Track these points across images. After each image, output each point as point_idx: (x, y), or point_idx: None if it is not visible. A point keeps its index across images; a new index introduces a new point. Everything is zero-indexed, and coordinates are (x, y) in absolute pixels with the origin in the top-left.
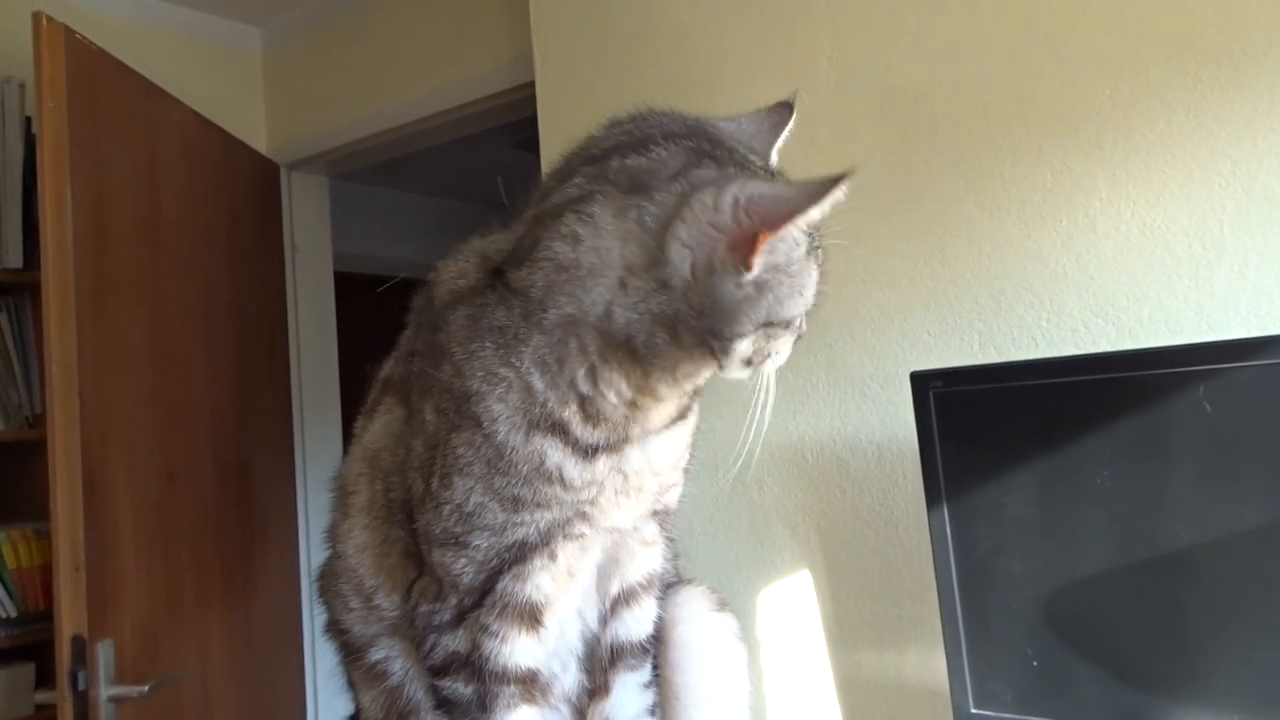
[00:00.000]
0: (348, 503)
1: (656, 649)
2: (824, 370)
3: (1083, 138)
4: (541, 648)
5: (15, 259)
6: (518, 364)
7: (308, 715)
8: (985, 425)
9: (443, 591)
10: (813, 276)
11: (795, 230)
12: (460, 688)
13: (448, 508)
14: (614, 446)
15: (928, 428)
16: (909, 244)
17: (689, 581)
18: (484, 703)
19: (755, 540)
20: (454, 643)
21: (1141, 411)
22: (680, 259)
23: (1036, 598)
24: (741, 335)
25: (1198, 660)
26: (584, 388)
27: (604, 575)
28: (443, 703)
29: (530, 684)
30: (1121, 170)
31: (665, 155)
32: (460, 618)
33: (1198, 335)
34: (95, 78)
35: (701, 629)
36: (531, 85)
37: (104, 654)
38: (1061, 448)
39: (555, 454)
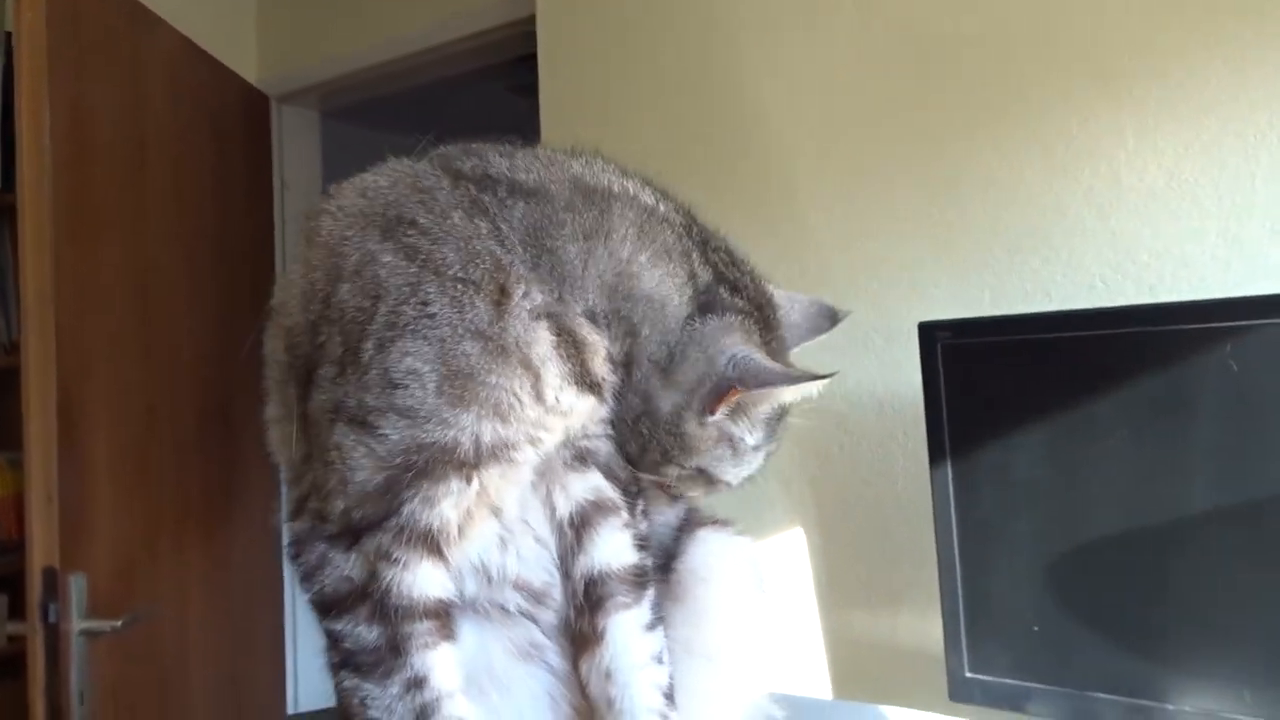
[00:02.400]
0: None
1: (657, 588)
2: None
3: (1113, 85)
4: (450, 577)
5: None
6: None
7: (286, 656)
8: (995, 380)
9: (331, 492)
10: (752, 465)
11: (765, 402)
12: (363, 631)
13: (373, 373)
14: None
15: (934, 381)
16: (923, 193)
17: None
18: (395, 646)
19: (745, 494)
20: (347, 565)
21: (1164, 369)
22: (691, 366)
23: (1041, 561)
24: (678, 463)
25: (1209, 631)
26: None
27: (546, 497)
28: (346, 658)
29: (445, 617)
30: (1151, 120)
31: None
32: (354, 535)
33: (1223, 293)
34: None
35: (714, 545)
36: (531, 21)
37: (76, 587)
38: (1076, 405)
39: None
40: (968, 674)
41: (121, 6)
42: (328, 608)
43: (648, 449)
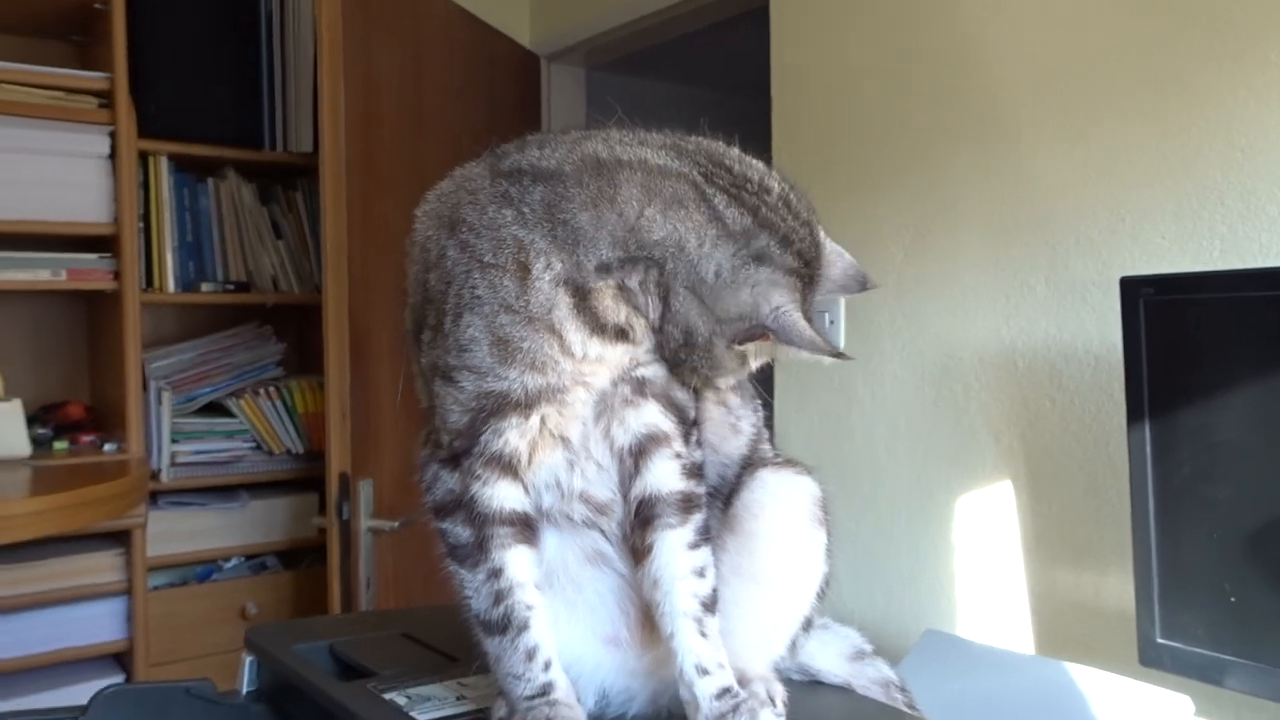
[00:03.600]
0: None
1: (707, 515)
2: (1044, 272)
3: None
4: (525, 494)
5: (307, 144)
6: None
7: None
8: (1200, 339)
9: (438, 428)
10: (727, 370)
11: (784, 351)
12: (460, 530)
13: (451, 339)
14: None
15: (1135, 338)
16: (1149, 137)
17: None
18: (481, 543)
19: (958, 444)
20: (451, 481)
21: None
22: (733, 303)
23: (1241, 529)
24: (703, 373)
25: None
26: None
27: (606, 432)
28: (450, 551)
29: (524, 525)
30: None
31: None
32: (455, 459)
33: None
34: None
35: (770, 483)
36: None
37: (364, 491)
38: None
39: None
40: (1159, 639)
41: None
42: (438, 512)
43: (683, 364)
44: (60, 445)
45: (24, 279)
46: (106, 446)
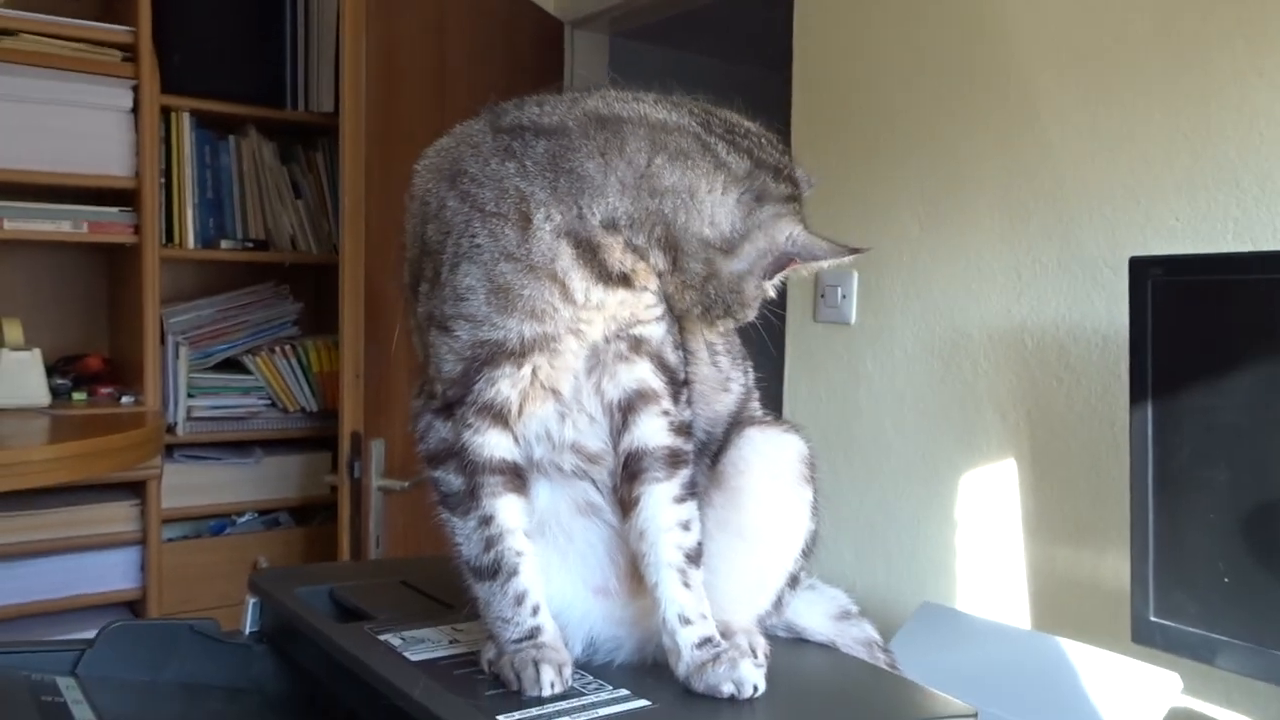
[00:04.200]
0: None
1: (694, 472)
2: (1055, 251)
3: None
4: (516, 444)
5: (328, 104)
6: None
7: None
8: (1206, 321)
9: (433, 378)
10: (751, 302)
11: (808, 270)
12: (452, 478)
13: (448, 289)
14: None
15: (1141, 318)
16: (1167, 116)
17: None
18: (472, 491)
19: (965, 422)
20: (444, 430)
21: None
22: (752, 244)
23: (1239, 512)
24: (734, 315)
25: None
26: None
27: (597, 385)
28: (442, 499)
29: (514, 474)
30: None
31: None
32: (448, 408)
33: None
34: None
35: (757, 441)
36: None
37: (376, 451)
38: None
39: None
40: (1153, 618)
41: None
42: (431, 461)
43: (713, 306)
44: (79, 396)
45: (46, 229)
46: (124, 399)
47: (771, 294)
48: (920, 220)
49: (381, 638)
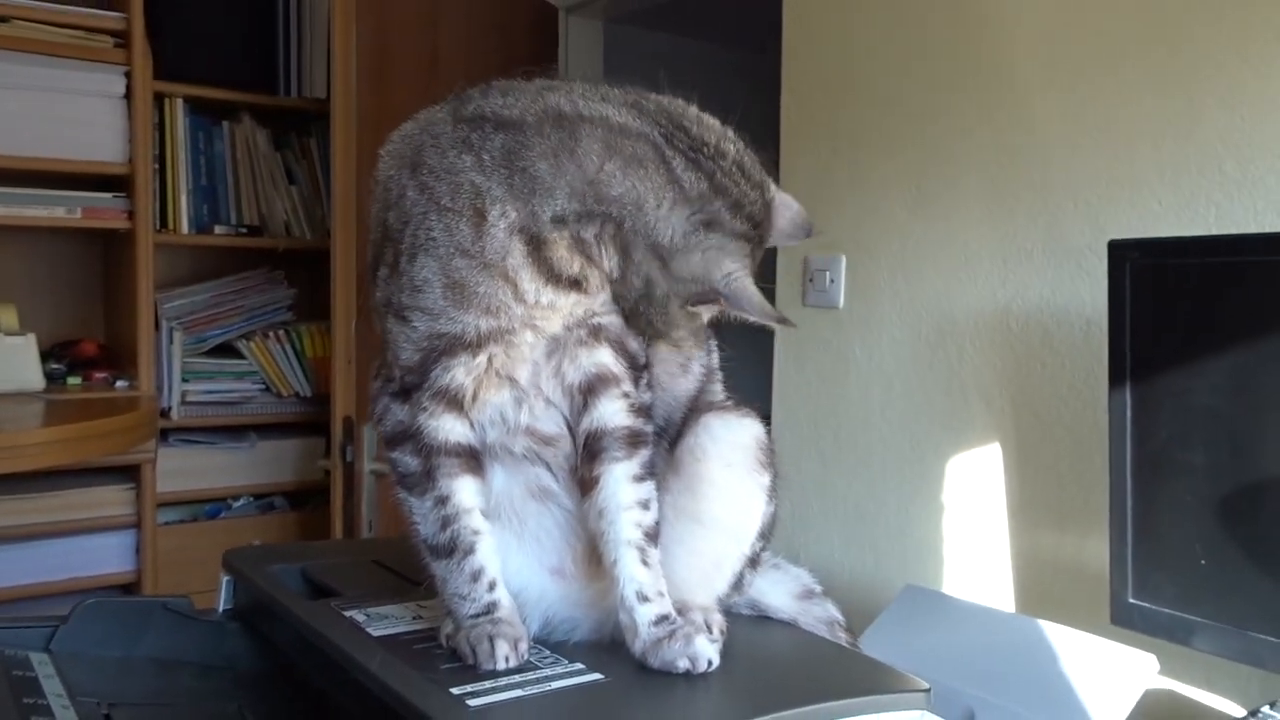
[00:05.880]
0: None
1: (653, 453)
2: (1040, 236)
3: None
4: (470, 429)
5: (321, 90)
6: None
7: None
8: (1184, 304)
9: (390, 363)
10: (679, 326)
11: (734, 314)
12: (409, 460)
13: (405, 279)
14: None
15: (1119, 301)
16: (1153, 100)
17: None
18: (429, 472)
19: (949, 406)
20: (401, 413)
21: None
22: (686, 266)
23: (1215, 494)
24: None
25: None
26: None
27: (557, 369)
28: (400, 479)
29: (470, 456)
30: None
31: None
32: (406, 392)
33: None
34: None
35: (713, 427)
36: None
37: (368, 435)
38: (1266, 335)
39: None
40: (1131, 599)
41: None
42: (389, 442)
43: (646, 326)
44: (73, 381)
45: (40, 215)
46: (118, 383)
47: (704, 321)
48: (909, 206)
49: (346, 614)
